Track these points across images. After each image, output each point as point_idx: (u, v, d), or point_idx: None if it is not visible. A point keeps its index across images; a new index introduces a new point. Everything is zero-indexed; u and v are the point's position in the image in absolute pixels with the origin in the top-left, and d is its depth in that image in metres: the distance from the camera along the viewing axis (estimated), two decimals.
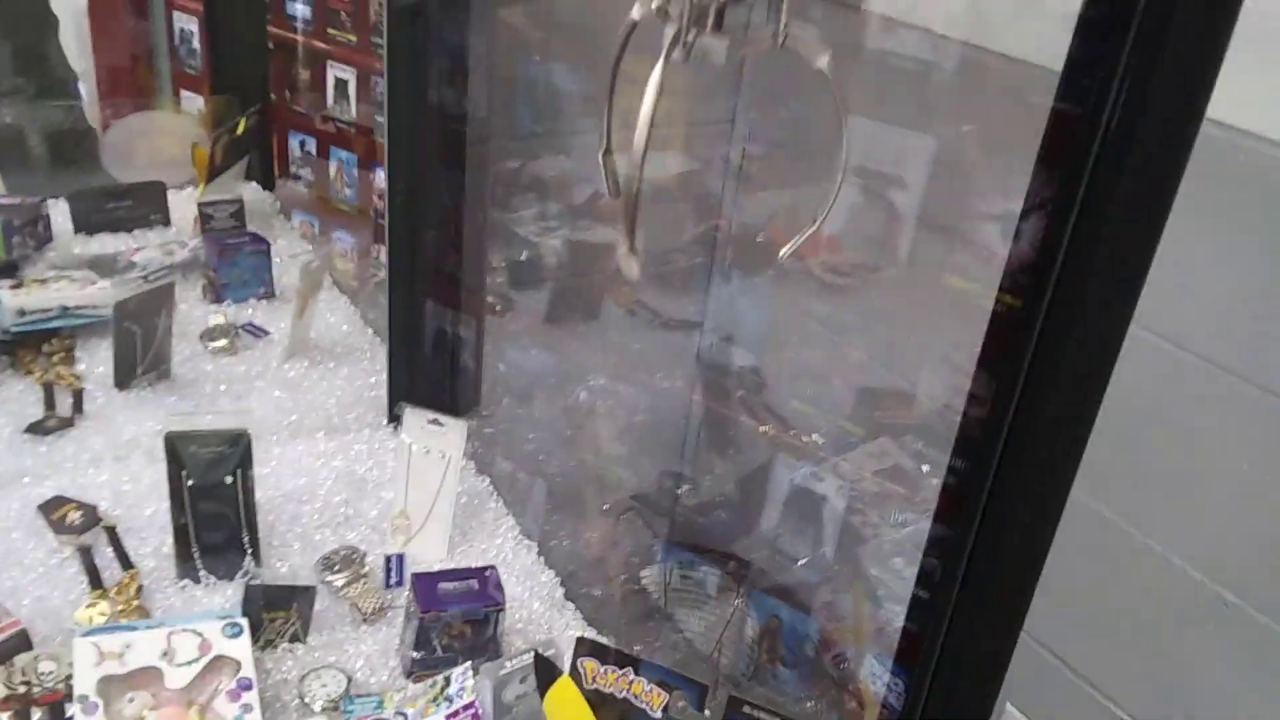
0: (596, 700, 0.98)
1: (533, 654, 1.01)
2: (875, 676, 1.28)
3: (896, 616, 1.23)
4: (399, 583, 1.35)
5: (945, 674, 0.81)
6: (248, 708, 1.09)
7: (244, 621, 1.15)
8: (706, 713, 1.02)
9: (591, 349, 1.92)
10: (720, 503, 1.63)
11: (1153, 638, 1.44)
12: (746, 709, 0.95)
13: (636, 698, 0.98)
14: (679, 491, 1.63)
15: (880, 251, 1.68)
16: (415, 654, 1.20)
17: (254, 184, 2.25)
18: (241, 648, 1.13)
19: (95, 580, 1.25)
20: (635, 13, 0.76)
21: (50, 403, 1.54)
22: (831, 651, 1.37)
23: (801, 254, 1.87)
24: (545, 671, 0.98)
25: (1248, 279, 1.27)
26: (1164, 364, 1.35)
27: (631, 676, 0.99)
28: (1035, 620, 1.60)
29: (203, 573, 1.29)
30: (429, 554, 1.39)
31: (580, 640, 1.00)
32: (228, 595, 1.27)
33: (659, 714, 0.98)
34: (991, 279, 0.72)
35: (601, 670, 1.00)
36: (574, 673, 0.99)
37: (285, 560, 1.35)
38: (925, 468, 1.50)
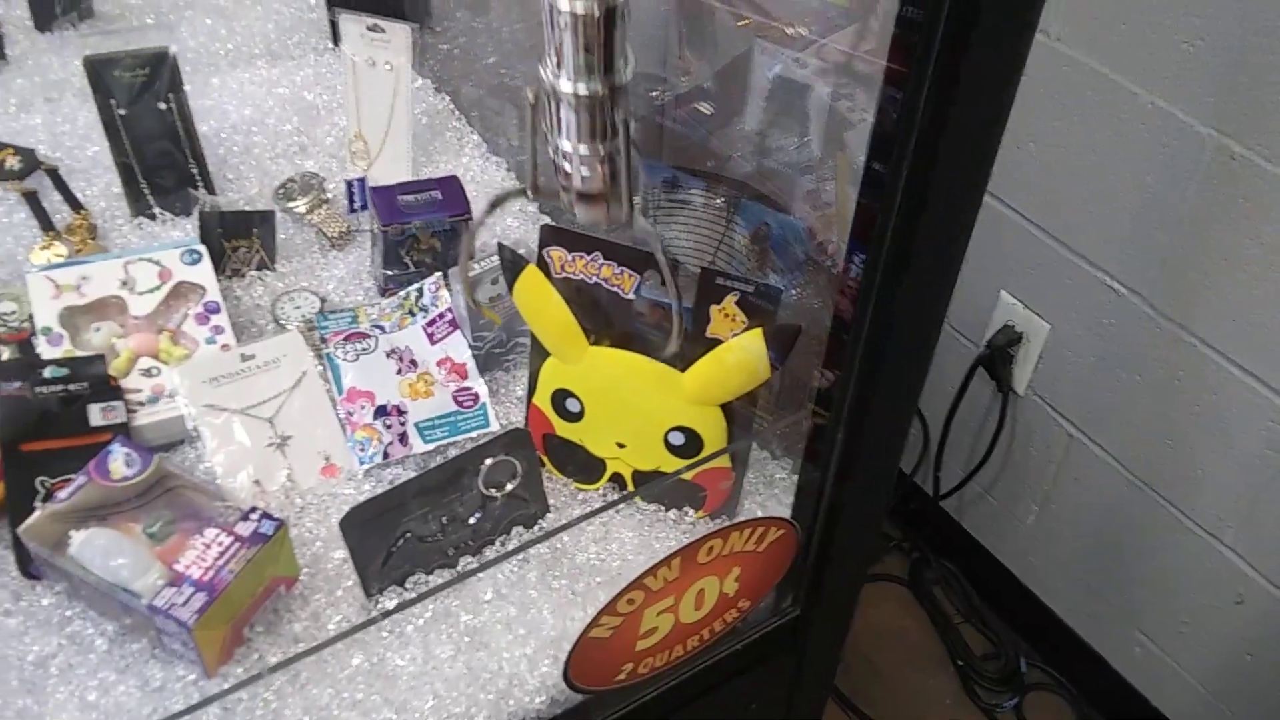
0: (568, 290, 0.94)
1: (497, 250, 0.96)
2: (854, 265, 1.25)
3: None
4: (363, 206, 1.29)
5: (898, 248, 0.75)
6: (218, 329, 1.06)
7: (202, 248, 1.10)
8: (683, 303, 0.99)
9: None
10: (699, 104, 1.53)
11: (1144, 200, 1.39)
12: (719, 280, 0.92)
13: (607, 282, 0.95)
14: (652, 95, 1.53)
15: None
16: (387, 271, 1.17)
17: None
18: (203, 273, 1.09)
19: (46, 223, 1.20)
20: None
21: None
22: (817, 242, 1.33)
23: None
24: (512, 264, 0.94)
25: None
26: None
27: (601, 261, 0.94)
28: (1028, 201, 1.55)
29: (156, 209, 1.23)
30: (392, 176, 1.32)
31: (544, 228, 0.95)
32: (187, 229, 1.22)
33: (631, 295, 0.94)
34: None
35: (569, 258, 0.95)
36: (540, 263, 0.95)
37: (241, 192, 1.28)
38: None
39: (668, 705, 0.92)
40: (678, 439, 0.94)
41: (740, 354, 0.89)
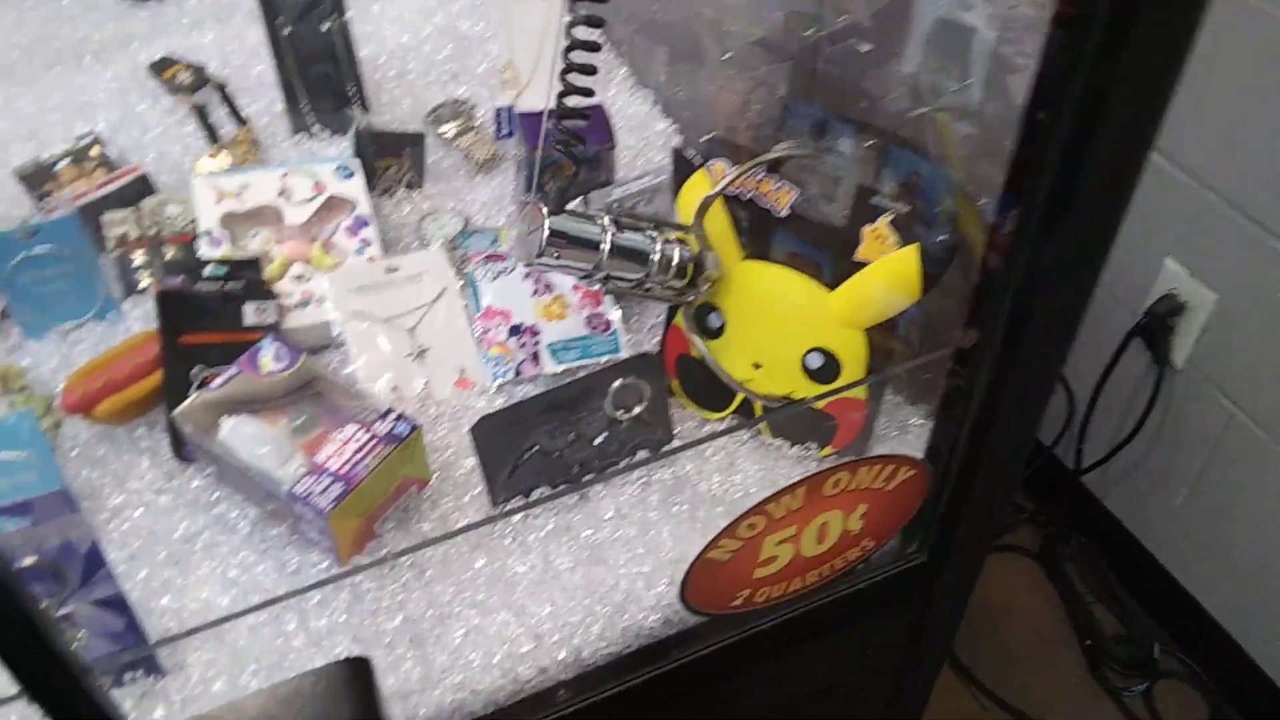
0: (728, 202, 0.95)
1: (671, 155, 0.98)
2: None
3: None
4: (511, 134, 1.30)
5: (1055, 203, 0.72)
6: (366, 242, 1.10)
7: (355, 163, 1.14)
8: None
9: None
10: (854, 43, 1.48)
11: None
12: (873, 200, 0.91)
13: (763, 196, 0.95)
14: (806, 34, 1.49)
15: None
16: (529, 196, 1.18)
17: None
18: (355, 188, 1.13)
19: (212, 135, 1.25)
20: None
21: None
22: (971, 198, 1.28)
23: None
24: (682, 167, 0.96)
25: None
26: None
27: (761, 175, 0.95)
28: (1202, 162, 1.45)
29: (315, 126, 1.27)
30: (539, 105, 1.33)
31: (711, 139, 0.96)
32: (343, 148, 1.26)
33: (785, 212, 0.94)
34: None
35: (730, 170, 0.96)
36: (708, 176, 0.96)
37: (394, 114, 1.31)
38: None
39: (780, 639, 0.91)
40: (816, 361, 0.93)
41: (892, 271, 0.87)
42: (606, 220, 0.89)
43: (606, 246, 0.88)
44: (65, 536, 0.69)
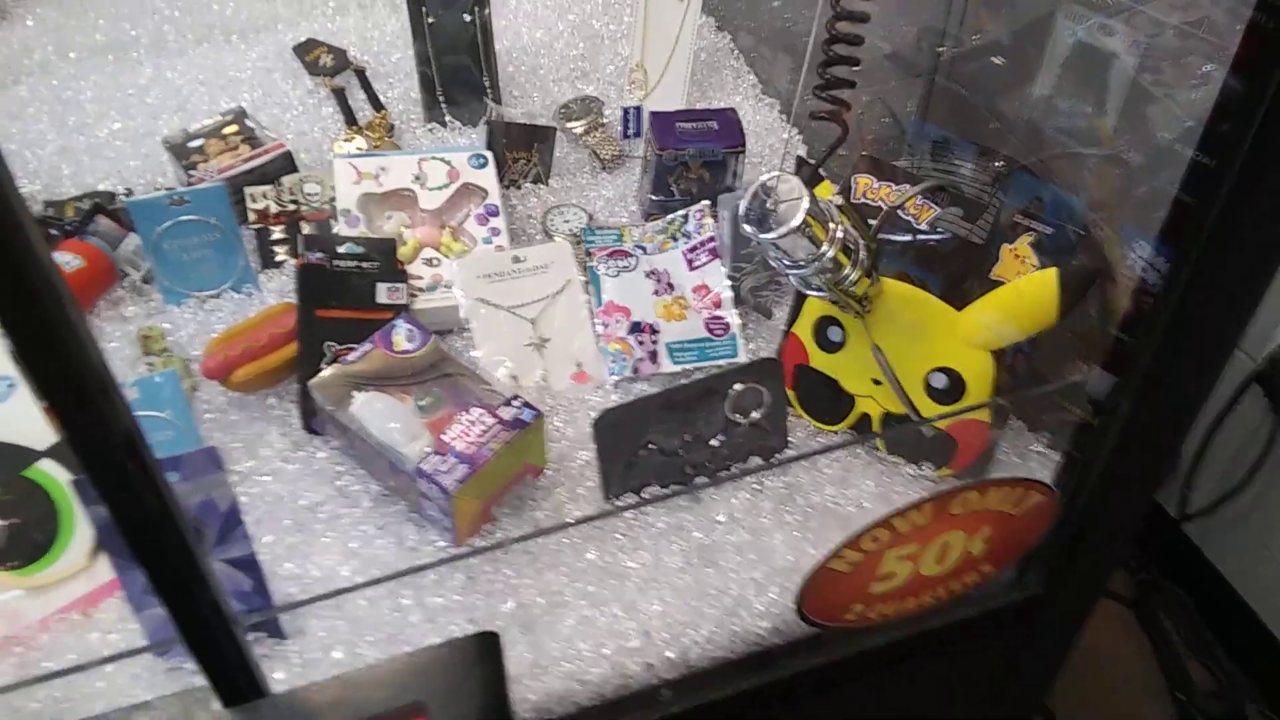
0: (863, 212, 0.94)
1: (795, 165, 0.98)
2: (1135, 254, 1.17)
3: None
4: (636, 133, 1.32)
5: (1216, 252, 0.70)
6: (495, 231, 1.12)
7: (489, 154, 1.16)
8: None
9: None
10: (987, 63, 1.46)
11: None
12: (1016, 218, 0.90)
13: (904, 210, 0.94)
14: (939, 50, 1.47)
15: None
16: (653, 196, 1.19)
17: None
18: (487, 177, 1.14)
19: (350, 118, 1.29)
20: None
21: None
22: (1094, 221, 1.25)
23: None
24: (811, 177, 0.95)
25: None
26: None
27: (908, 190, 0.94)
28: None
29: (448, 116, 1.30)
30: (665, 107, 1.34)
31: (862, 157, 0.95)
32: (472, 138, 1.28)
33: (924, 226, 0.93)
34: None
35: (875, 185, 0.95)
36: (845, 186, 0.96)
37: (525, 108, 1.33)
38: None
39: (884, 660, 0.90)
40: (940, 381, 0.92)
41: (1029, 292, 0.86)
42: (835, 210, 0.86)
43: (837, 236, 0.84)
44: (208, 494, 0.71)
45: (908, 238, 1.02)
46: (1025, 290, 0.89)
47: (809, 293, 0.92)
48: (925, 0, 1.59)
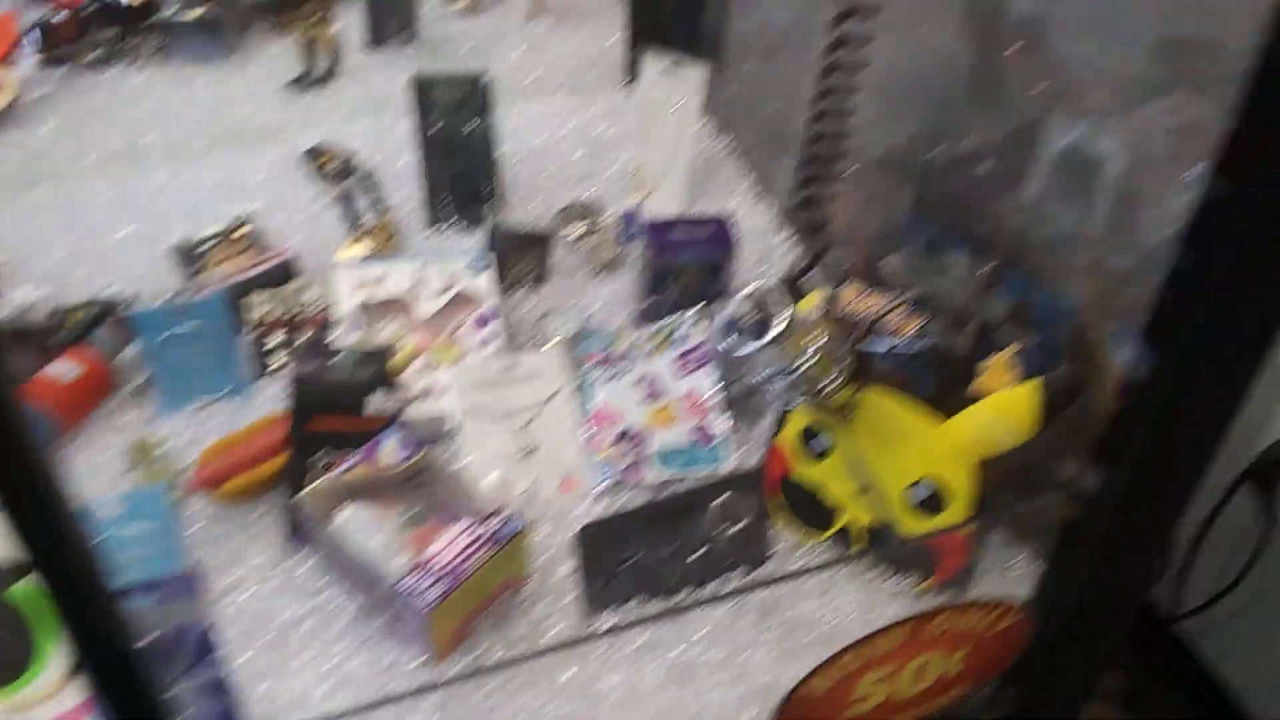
0: (850, 321, 0.96)
1: (775, 282, 1.00)
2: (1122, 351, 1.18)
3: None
4: (634, 236, 1.34)
5: (1203, 349, 0.70)
6: (491, 337, 1.14)
7: (487, 260, 1.18)
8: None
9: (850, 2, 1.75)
10: (977, 165, 1.48)
11: None
12: (998, 331, 0.91)
13: (890, 322, 0.96)
14: (930, 155, 1.50)
15: None
16: (648, 301, 1.21)
17: None
18: (485, 284, 1.17)
19: (354, 223, 1.32)
20: None
21: (309, 60, 1.59)
22: (1083, 326, 1.26)
23: None
24: (795, 289, 0.97)
25: None
26: None
27: (892, 300, 0.96)
28: None
29: (451, 220, 1.33)
30: (665, 210, 1.37)
31: (851, 267, 0.97)
32: (474, 242, 1.31)
33: (906, 339, 0.95)
34: None
35: (860, 296, 0.97)
36: (831, 297, 0.97)
37: (526, 211, 1.37)
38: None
39: None
40: (922, 492, 0.92)
41: (1011, 405, 0.87)
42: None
43: (819, 346, 0.87)
44: (186, 617, 0.73)
45: (892, 346, 1.03)
46: (1006, 403, 0.89)
47: (789, 403, 0.93)
48: (917, 104, 1.62)
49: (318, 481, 0.93)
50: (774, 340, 0.84)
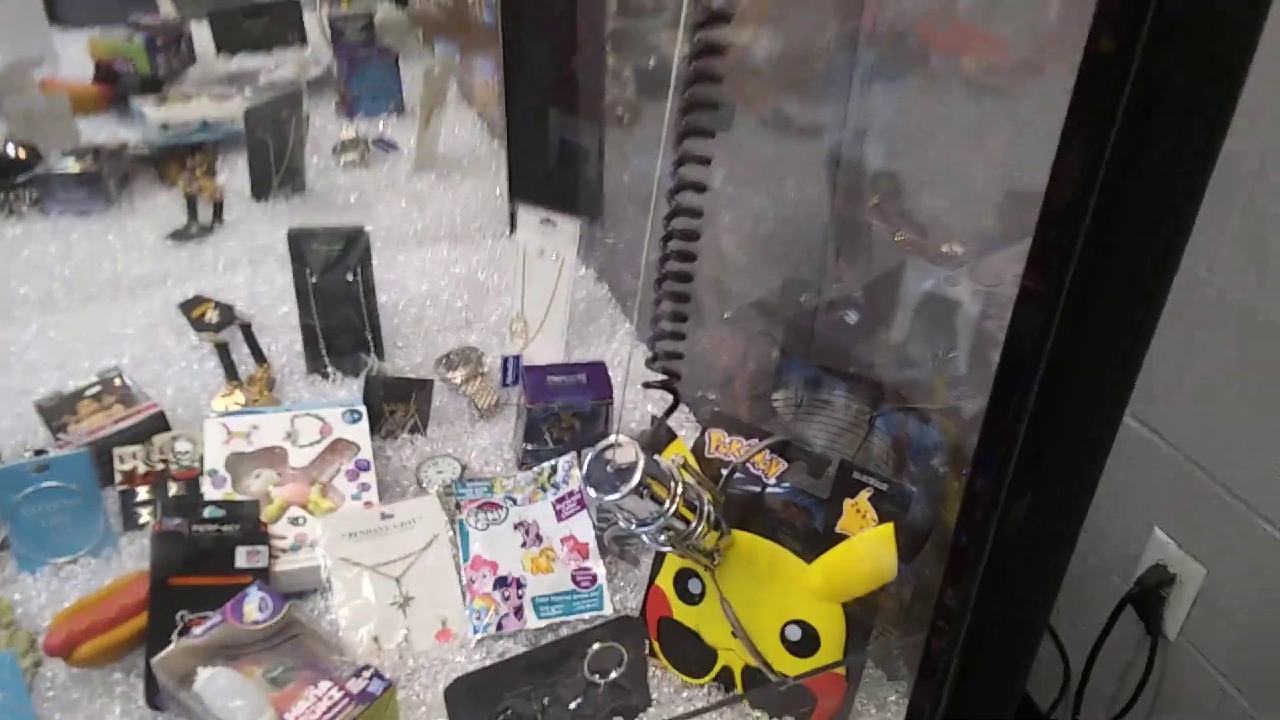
0: (711, 470, 0.98)
1: (651, 423, 1.02)
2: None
3: None
4: (515, 381, 1.36)
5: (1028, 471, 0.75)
6: (365, 486, 1.13)
7: (363, 409, 1.19)
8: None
9: (721, 159, 1.85)
10: (846, 311, 1.56)
11: None
12: (855, 474, 0.94)
13: (754, 465, 0.98)
14: (801, 300, 1.57)
15: (1046, 49, 1.52)
16: (527, 445, 1.22)
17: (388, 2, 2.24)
18: (360, 433, 1.17)
19: (231, 373, 1.32)
20: None
21: (193, 212, 1.61)
22: (958, 461, 1.32)
23: (957, 51, 1.71)
24: (663, 436, 0.99)
25: None
26: None
27: (755, 445, 0.99)
28: (1186, 437, 1.49)
29: (330, 369, 1.34)
30: (545, 355, 1.40)
31: (715, 414, 1.00)
32: (353, 389, 1.32)
33: (772, 481, 0.97)
34: None
35: (726, 440, 1.00)
36: (699, 442, 1.00)
37: (407, 358, 1.38)
38: None
39: None
40: (795, 634, 0.93)
41: (869, 546, 0.89)
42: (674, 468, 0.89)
43: (678, 494, 0.88)
44: None
45: (757, 490, 1.06)
46: (863, 546, 0.92)
47: (658, 549, 0.94)
48: (790, 253, 1.71)
49: (174, 644, 0.89)
50: (634, 491, 0.85)
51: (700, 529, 0.89)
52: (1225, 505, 1.43)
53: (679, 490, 0.87)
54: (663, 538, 0.90)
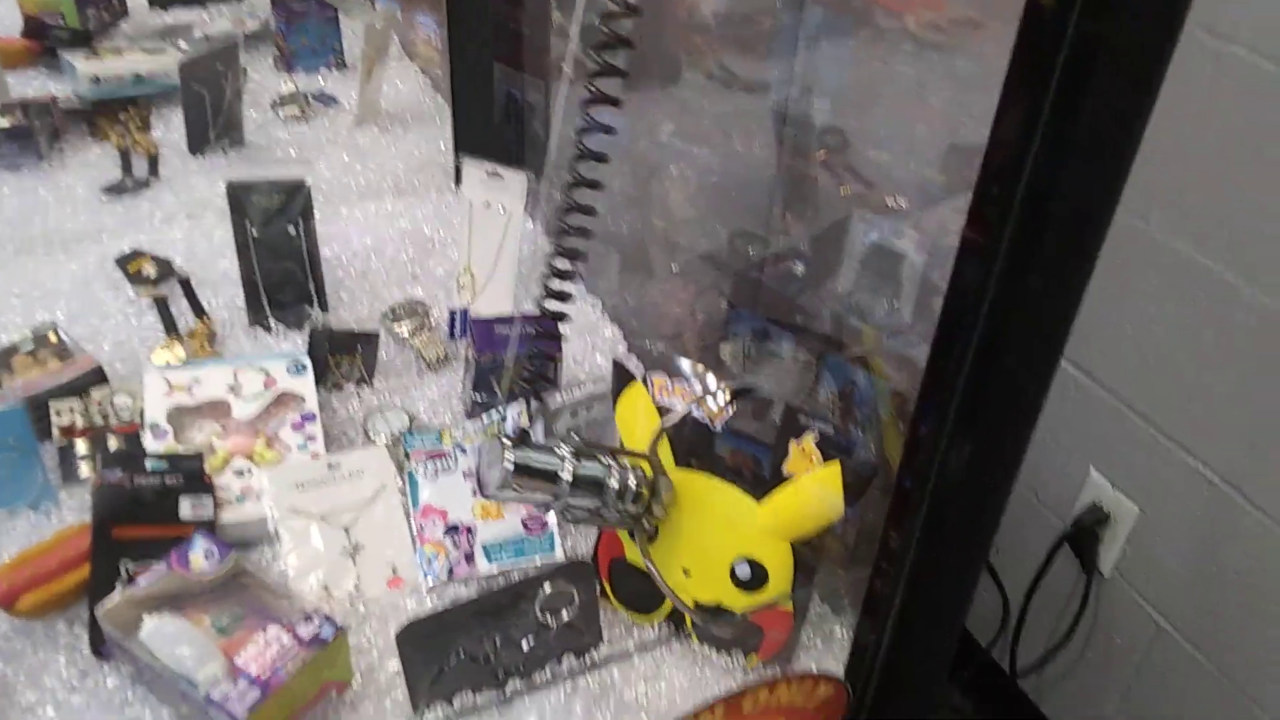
0: (664, 409, 0.99)
1: (612, 366, 1.03)
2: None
3: None
4: (463, 334, 1.36)
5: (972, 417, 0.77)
6: (311, 438, 1.12)
7: (307, 361, 1.17)
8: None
9: (668, 113, 1.85)
10: (793, 263, 1.57)
11: (1243, 392, 1.36)
12: (801, 418, 0.95)
13: (699, 409, 0.99)
14: (750, 252, 1.58)
15: (988, 6, 1.54)
16: (476, 396, 1.22)
17: None
18: (305, 384, 1.16)
19: (170, 327, 1.29)
20: None
21: (127, 166, 1.57)
22: (901, 405, 1.34)
23: (901, 8, 1.72)
24: (621, 377, 1.01)
25: None
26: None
27: (700, 391, 0.99)
28: (1122, 380, 1.53)
29: (273, 321, 1.32)
30: (494, 309, 1.39)
31: (659, 355, 1.01)
32: (297, 342, 1.30)
33: (719, 428, 0.98)
34: None
35: (669, 385, 1.00)
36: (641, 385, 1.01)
37: (352, 312, 1.37)
38: None
39: None
40: (744, 571, 0.95)
41: (816, 487, 0.90)
42: (566, 451, 0.90)
43: (567, 478, 0.89)
44: None
45: (706, 431, 1.07)
46: (811, 486, 0.93)
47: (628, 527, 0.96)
48: (737, 207, 1.71)
49: (118, 593, 0.88)
50: (498, 489, 0.85)
51: (640, 505, 0.91)
52: (1158, 446, 1.48)
53: (570, 475, 0.87)
54: (613, 518, 0.92)
